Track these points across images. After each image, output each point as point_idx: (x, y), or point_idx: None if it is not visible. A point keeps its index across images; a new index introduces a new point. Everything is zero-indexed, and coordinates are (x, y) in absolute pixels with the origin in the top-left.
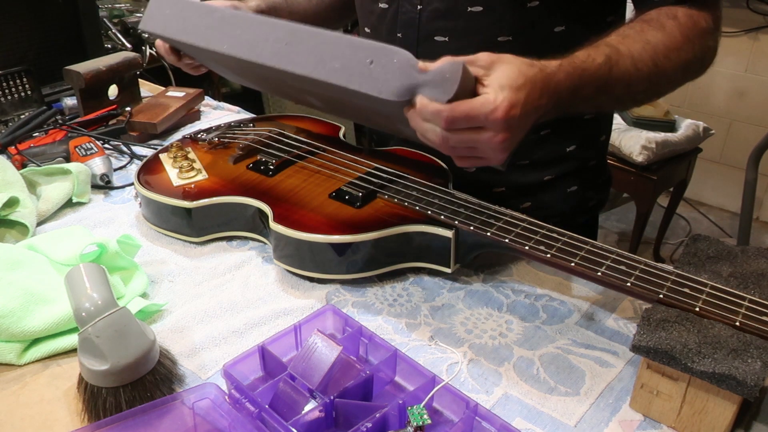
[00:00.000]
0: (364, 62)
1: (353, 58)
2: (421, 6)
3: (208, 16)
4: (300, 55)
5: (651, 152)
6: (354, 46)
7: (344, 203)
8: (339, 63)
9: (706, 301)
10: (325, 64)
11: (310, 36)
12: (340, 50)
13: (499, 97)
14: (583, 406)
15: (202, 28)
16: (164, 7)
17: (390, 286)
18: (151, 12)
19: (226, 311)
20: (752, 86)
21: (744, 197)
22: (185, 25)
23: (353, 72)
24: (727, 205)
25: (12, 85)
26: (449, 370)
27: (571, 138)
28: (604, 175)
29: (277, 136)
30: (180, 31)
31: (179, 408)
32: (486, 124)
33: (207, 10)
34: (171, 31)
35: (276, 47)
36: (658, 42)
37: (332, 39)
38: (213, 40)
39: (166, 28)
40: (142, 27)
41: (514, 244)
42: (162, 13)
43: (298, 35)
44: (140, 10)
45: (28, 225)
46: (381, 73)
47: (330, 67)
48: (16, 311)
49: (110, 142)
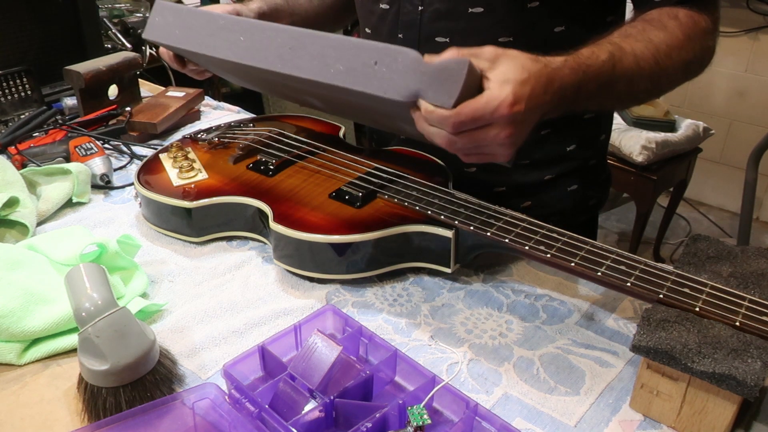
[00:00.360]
0: (368, 63)
1: (358, 60)
2: (422, 7)
3: (210, 24)
4: (304, 60)
5: (651, 152)
6: (358, 47)
7: (344, 203)
8: (343, 65)
9: (706, 301)
10: (329, 67)
11: (314, 40)
12: (344, 52)
13: (503, 93)
14: (583, 406)
15: (206, 36)
16: (167, 15)
17: (390, 286)
18: (154, 21)
19: (226, 311)
20: (752, 86)
21: (744, 197)
22: (188, 34)
23: (358, 74)
24: (727, 205)
25: (12, 85)
26: (449, 370)
27: (571, 137)
28: (604, 174)
29: (277, 136)
30: (184, 40)
31: (179, 408)
32: (491, 120)
33: (209, 18)
34: (175, 40)
35: (280, 52)
36: (660, 41)
37: (336, 42)
38: (217, 48)
39: (169, 36)
40: (146, 36)
41: (514, 244)
42: (165, 21)
43: (301, 40)
44: (140, 10)
45: (28, 225)
46: (386, 73)
47: (335, 69)
48: (16, 311)
49: (110, 142)
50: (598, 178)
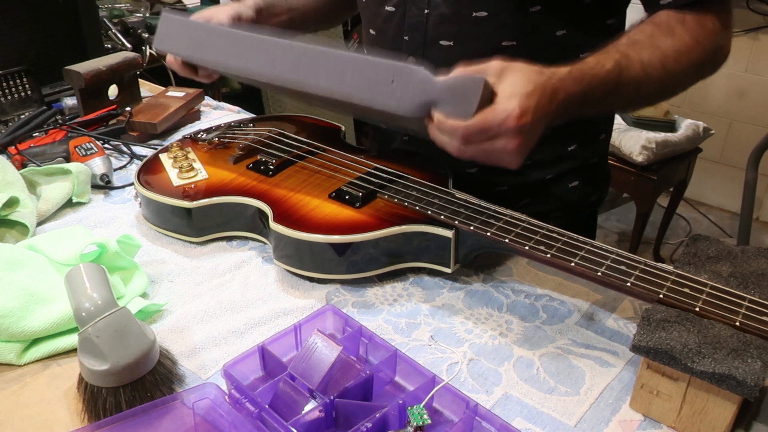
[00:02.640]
0: (386, 81)
1: (374, 78)
2: (428, 10)
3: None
4: (320, 76)
5: (651, 152)
6: (375, 65)
7: (344, 203)
8: (359, 82)
9: (706, 301)
10: (345, 84)
11: (328, 57)
12: (360, 69)
13: (510, 105)
14: (583, 406)
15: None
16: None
17: (390, 286)
18: (162, 32)
19: (226, 311)
20: (752, 86)
21: (744, 197)
22: (199, 45)
23: (375, 91)
24: (727, 205)
25: (12, 85)
26: (449, 370)
27: (572, 137)
28: (604, 172)
29: (277, 136)
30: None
31: (179, 408)
32: (499, 132)
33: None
34: (185, 51)
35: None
36: (668, 47)
37: (351, 59)
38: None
39: (179, 48)
40: (156, 47)
41: (514, 244)
42: (174, 32)
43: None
44: (140, 10)
45: (28, 225)
46: (402, 91)
47: (351, 86)
48: (16, 311)
49: (110, 142)
50: (598, 177)
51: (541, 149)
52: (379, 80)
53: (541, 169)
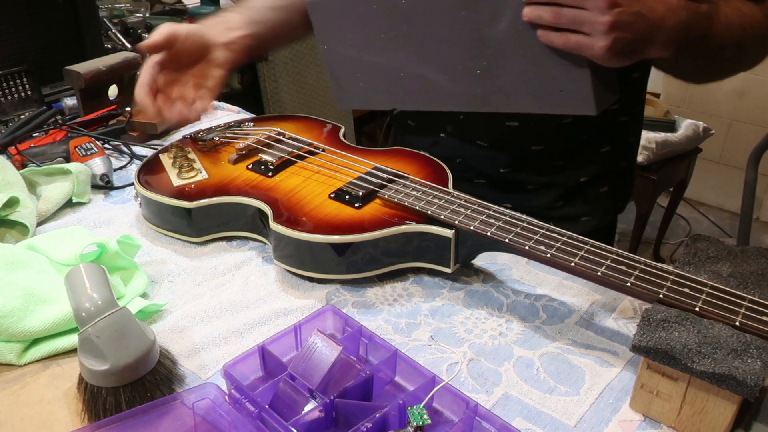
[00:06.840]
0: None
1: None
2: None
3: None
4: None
5: (651, 152)
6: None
7: (344, 203)
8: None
9: (706, 301)
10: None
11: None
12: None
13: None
14: (583, 406)
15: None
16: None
17: (390, 286)
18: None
19: (226, 311)
20: (752, 86)
21: (744, 197)
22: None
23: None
24: (727, 205)
25: (12, 85)
26: (449, 370)
27: (606, 139)
28: (631, 178)
29: (277, 136)
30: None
31: (179, 408)
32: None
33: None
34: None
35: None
36: (744, 13)
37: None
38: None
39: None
40: (319, 43)
41: (514, 244)
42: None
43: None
44: (140, 10)
45: (28, 225)
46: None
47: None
48: (16, 311)
49: (110, 142)
50: (626, 182)
51: (577, 150)
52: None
53: (575, 168)
